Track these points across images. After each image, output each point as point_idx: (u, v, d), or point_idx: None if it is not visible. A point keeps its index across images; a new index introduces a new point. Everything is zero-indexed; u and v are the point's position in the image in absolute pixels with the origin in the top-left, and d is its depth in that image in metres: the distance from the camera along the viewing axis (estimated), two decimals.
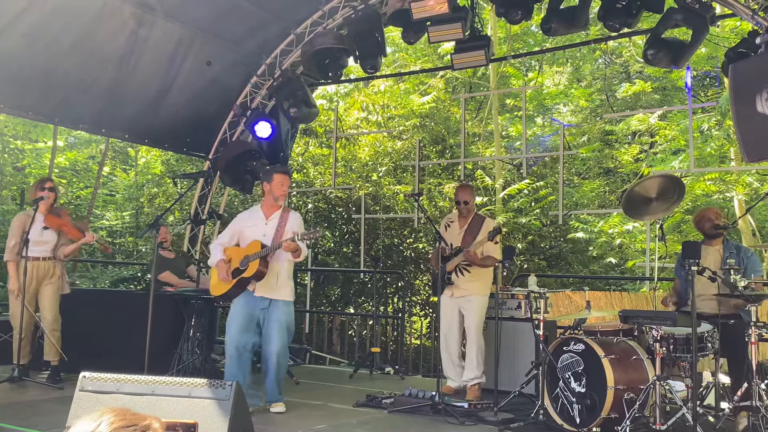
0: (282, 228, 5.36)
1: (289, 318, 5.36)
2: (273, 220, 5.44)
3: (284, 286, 5.38)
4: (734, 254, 5.20)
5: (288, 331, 5.35)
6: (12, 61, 6.43)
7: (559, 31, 6.59)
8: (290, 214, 5.55)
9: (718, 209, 5.71)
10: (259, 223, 5.46)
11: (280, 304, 5.33)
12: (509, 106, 16.04)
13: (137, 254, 15.59)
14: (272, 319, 5.28)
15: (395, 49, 15.73)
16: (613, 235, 12.73)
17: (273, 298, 5.32)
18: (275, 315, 5.29)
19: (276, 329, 5.27)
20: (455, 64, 7.25)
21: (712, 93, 14.25)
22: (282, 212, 5.51)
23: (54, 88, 6.93)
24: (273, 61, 8.03)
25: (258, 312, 5.32)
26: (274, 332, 5.26)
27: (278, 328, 5.27)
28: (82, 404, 2.72)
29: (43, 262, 6.26)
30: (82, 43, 6.71)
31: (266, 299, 5.31)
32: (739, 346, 4.56)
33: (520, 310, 6.44)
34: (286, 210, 5.58)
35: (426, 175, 14.25)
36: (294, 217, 5.52)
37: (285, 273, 5.38)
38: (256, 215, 5.57)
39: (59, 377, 6.14)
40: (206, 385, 2.68)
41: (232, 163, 8.03)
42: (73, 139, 17.55)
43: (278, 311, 5.30)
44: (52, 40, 6.48)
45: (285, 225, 5.39)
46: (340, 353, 10.80)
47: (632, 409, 4.45)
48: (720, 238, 5.41)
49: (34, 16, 6.18)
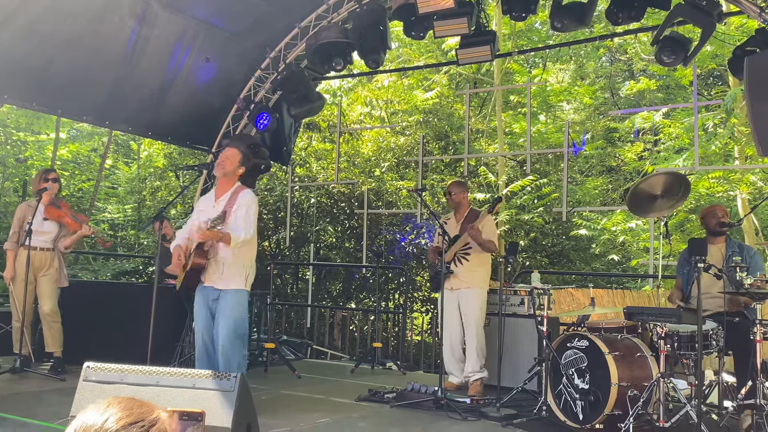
0: (229, 210, 4.82)
1: (235, 308, 4.86)
2: (221, 202, 4.93)
3: (232, 273, 4.88)
4: (737, 252, 5.19)
5: (235, 323, 4.83)
6: (15, 52, 6.40)
7: (569, 28, 6.56)
8: (240, 193, 4.96)
9: (725, 207, 5.70)
10: (208, 207, 5.00)
11: (227, 294, 4.86)
12: (513, 102, 16.01)
13: (139, 247, 15.59)
14: (219, 312, 4.86)
15: (399, 45, 15.70)
16: (616, 232, 12.71)
17: (222, 288, 4.88)
18: (221, 306, 4.85)
19: (221, 323, 4.82)
20: (460, 59, 7.22)
21: (715, 92, 14.21)
22: (232, 193, 4.96)
23: (57, 80, 6.90)
24: (277, 55, 7.99)
25: (211, 303, 4.92)
26: (219, 326, 4.83)
27: (224, 321, 4.81)
28: (86, 394, 2.71)
29: (41, 252, 6.26)
30: (85, 35, 6.68)
31: (216, 290, 4.89)
32: (744, 344, 4.55)
33: (522, 307, 6.44)
34: (239, 189, 5.00)
35: (429, 171, 14.23)
36: (242, 197, 4.92)
37: (231, 259, 4.85)
38: (209, 198, 5.12)
39: (62, 368, 6.14)
40: (211, 376, 2.66)
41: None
42: (75, 131, 17.55)
43: (225, 302, 4.85)
44: (55, 31, 6.46)
45: (232, 206, 4.85)
46: (341, 348, 10.80)
47: (636, 406, 4.43)
48: (723, 237, 5.41)
49: (38, 8, 6.15)
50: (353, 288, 13.63)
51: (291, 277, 13.83)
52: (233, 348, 4.82)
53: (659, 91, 15.21)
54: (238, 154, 5.06)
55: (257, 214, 5.03)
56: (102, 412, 1.20)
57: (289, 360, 7.72)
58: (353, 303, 13.51)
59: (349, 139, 14.21)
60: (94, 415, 1.20)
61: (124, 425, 1.18)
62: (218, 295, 4.89)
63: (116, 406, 1.22)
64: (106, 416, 1.19)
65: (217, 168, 5.03)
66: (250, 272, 5.02)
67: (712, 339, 4.68)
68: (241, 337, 4.91)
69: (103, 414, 1.20)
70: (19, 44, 6.34)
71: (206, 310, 4.94)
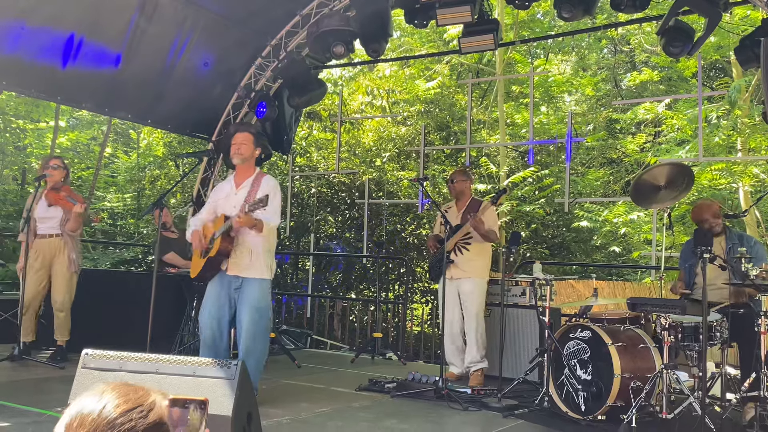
0: (252, 197, 4.72)
1: (261, 298, 4.81)
2: (243, 189, 4.88)
3: (258, 262, 4.82)
4: (738, 244, 5.15)
5: (259, 313, 4.79)
6: (14, 38, 6.34)
7: (577, 17, 6.49)
8: (263, 179, 4.92)
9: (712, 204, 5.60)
10: (230, 194, 4.94)
11: (252, 283, 4.80)
12: (515, 93, 15.95)
13: (138, 236, 15.56)
14: (242, 301, 4.78)
15: (401, 34, 15.62)
16: (618, 224, 12.67)
17: (245, 277, 4.80)
18: (245, 295, 4.78)
19: (245, 311, 4.76)
20: (463, 47, 7.16)
21: (718, 83, 14.15)
22: (254, 179, 4.92)
23: (57, 67, 6.84)
24: (278, 43, 7.93)
25: (232, 292, 4.83)
26: (243, 315, 4.77)
27: (248, 310, 4.75)
28: (85, 382, 2.67)
29: (50, 239, 6.24)
30: (85, 21, 6.62)
31: (239, 278, 4.81)
32: (749, 335, 4.51)
33: (524, 297, 6.40)
34: (260, 175, 4.96)
35: (430, 161, 14.18)
36: (266, 183, 4.88)
37: (259, 248, 4.80)
38: (227, 185, 5.06)
39: (64, 357, 6.10)
40: (211, 364, 2.63)
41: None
42: (75, 120, 17.49)
43: (249, 291, 4.78)
44: (54, 16, 6.40)
45: (255, 193, 4.77)
46: (341, 338, 10.79)
47: (638, 397, 4.40)
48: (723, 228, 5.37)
49: None
50: (353, 278, 13.60)
51: (291, 267, 13.80)
52: (257, 338, 4.78)
53: (661, 83, 15.14)
54: (250, 136, 5.00)
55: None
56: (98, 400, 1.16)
57: (289, 350, 7.70)
58: (353, 293, 13.49)
59: (350, 128, 14.15)
60: (90, 402, 1.16)
61: (123, 412, 1.14)
62: (241, 283, 4.81)
63: (111, 393, 1.18)
64: (102, 403, 1.15)
65: (234, 156, 4.95)
66: (273, 260, 4.99)
67: (716, 330, 4.65)
68: (265, 328, 4.85)
69: (99, 401, 1.16)
70: (17, 30, 6.28)
71: (225, 298, 4.84)
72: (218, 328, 4.85)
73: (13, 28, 6.27)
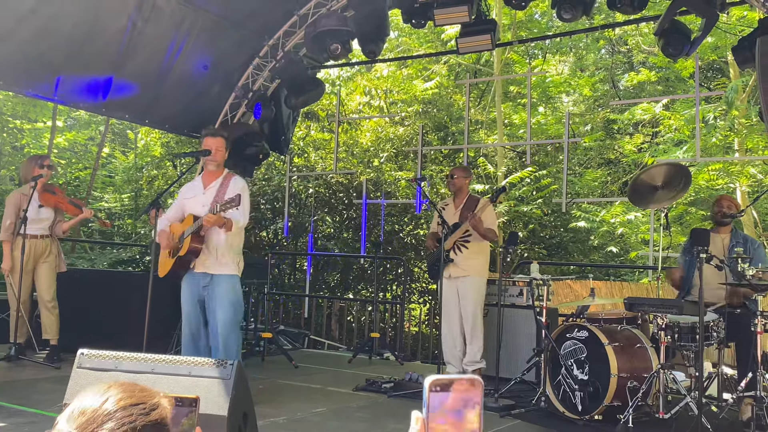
0: (221, 197, 4.81)
1: (232, 293, 4.86)
2: (211, 189, 4.95)
3: (226, 259, 4.88)
4: (740, 244, 5.16)
5: (233, 307, 4.83)
6: (11, 38, 6.33)
7: (577, 17, 6.48)
8: (231, 180, 5.00)
9: (732, 198, 5.70)
10: (198, 194, 5.01)
11: (223, 279, 4.84)
12: (512, 93, 15.95)
13: (136, 236, 15.54)
14: (214, 297, 4.83)
15: (399, 34, 15.62)
16: (615, 224, 12.68)
17: (214, 273, 4.85)
18: (217, 291, 4.82)
19: (218, 306, 4.80)
20: (461, 47, 7.16)
21: (715, 84, 14.16)
22: (222, 179, 4.99)
23: (54, 66, 6.82)
24: (276, 43, 7.92)
25: (201, 290, 4.88)
26: (216, 309, 4.80)
27: (220, 304, 4.80)
28: (80, 382, 2.67)
29: (40, 240, 6.23)
30: (83, 21, 6.61)
31: (207, 275, 4.85)
32: (746, 335, 4.52)
33: (521, 297, 6.41)
34: (228, 176, 5.04)
35: (428, 161, 14.18)
36: (234, 184, 4.95)
37: (225, 245, 4.86)
38: (196, 185, 5.14)
39: (58, 356, 6.10)
40: (207, 364, 2.62)
41: (233, 145, 7.93)
42: (72, 120, 17.46)
43: (220, 287, 4.83)
44: (52, 17, 6.38)
45: (224, 193, 4.85)
46: (339, 339, 10.77)
47: (635, 397, 4.41)
48: (728, 227, 5.40)
49: None
50: (351, 279, 13.60)
51: (289, 267, 13.78)
52: (231, 333, 4.81)
53: (659, 83, 15.14)
54: (222, 141, 5.07)
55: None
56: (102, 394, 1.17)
57: (287, 350, 7.69)
58: (351, 293, 13.48)
59: (347, 128, 14.14)
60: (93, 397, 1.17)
61: (124, 406, 1.14)
62: (209, 280, 4.85)
63: (116, 388, 1.18)
64: (105, 397, 1.16)
65: (209, 163, 5.02)
66: (241, 259, 5.04)
67: (713, 330, 4.66)
68: (238, 323, 4.93)
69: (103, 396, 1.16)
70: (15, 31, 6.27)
71: (195, 297, 4.91)
72: (196, 324, 4.92)
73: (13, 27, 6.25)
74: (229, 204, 4.50)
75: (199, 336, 4.93)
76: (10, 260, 6.14)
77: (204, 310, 4.91)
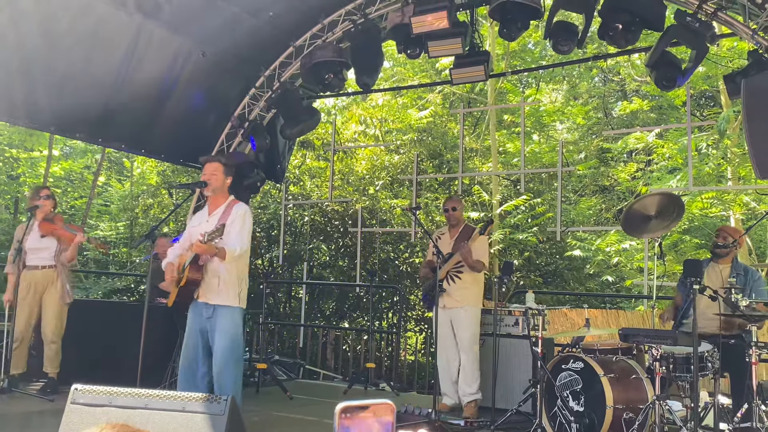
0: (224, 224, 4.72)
1: (230, 325, 4.76)
2: (215, 216, 4.89)
3: (227, 289, 4.79)
4: (741, 276, 5.19)
5: (232, 342, 4.73)
6: (7, 68, 6.38)
7: (572, 49, 6.57)
8: (234, 207, 4.91)
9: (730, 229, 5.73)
10: (203, 221, 4.95)
11: (223, 311, 4.77)
12: (506, 122, 16.07)
13: (131, 265, 15.50)
14: (214, 328, 4.75)
15: (394, 64, 15.77)
16: (610, 253, 12.70)
17: (216, 304, 4.78)
18: (218, 324, 4.75)
19: (216, 338, 4.73)
20: (454, 78, 7.24)
21: (708, 113, 14.30)
22: (225, 207, 4.93)
23: (50, 97, 6.87)
24: (272, 73, 7.99)
25: (204, 321, 4.81)
26: (216, 345, 4.74)
27: (218, 336, 4.72)
28: (74, 417, 2.66)
29: (43, 271, 6.21)
30: (80, 52, 6.66)
31: (209, 306, 4.79)
32: (740, 366, 4.52)
33: (517, 327, 6.38)
34: (232, 203, 4.97)
35: (423, 189, 14.23)
36: (235, 211, 4.86)
37: (226, 274, 4.78)
38: (203, 213, 5.09)
39: (54, 389, 6.04)
40: (201, 399, 2.61)
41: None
42: (68, 148, 17.51)
43: (221, 319, 4.75)
44: (49, 48, 6.44)
45: (226, 221, 4.77)
46: (334, 368, 10.71)
47: (631, 428, 4.39)
48: (729, 258, 5.42)
49: (32, 25, 6.13)
50: (346, 307, 13.56)
51: (284, 296, 13.75)
52: (230, 370, 4.73)
53: (652, 112, 15.28)
54: (219, 166, 5.02)
55: (251, 228, 4.99)
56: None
57: (281, 380, 7.64)
58: (346, 322, 13.43)
59: (343, 157, 14.22)
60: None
61: None
62: (212, 311, 4.79)
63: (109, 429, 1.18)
64: None
65: (206, 191, 5.00)
66: (243, 287, 4.96)
67: (708, 361, 4.65)
68: (236, 356, 4.83)
69: None
70: (10, 61, 6.32)
71: (198, 326, 4.85)
72: (193, 356, 4.86)
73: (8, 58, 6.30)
74: (212, 235, 4.46)
75: (196, 366, 4.85)
76: (12, 292, 6.13)
77: (208, 340, 4.84)
